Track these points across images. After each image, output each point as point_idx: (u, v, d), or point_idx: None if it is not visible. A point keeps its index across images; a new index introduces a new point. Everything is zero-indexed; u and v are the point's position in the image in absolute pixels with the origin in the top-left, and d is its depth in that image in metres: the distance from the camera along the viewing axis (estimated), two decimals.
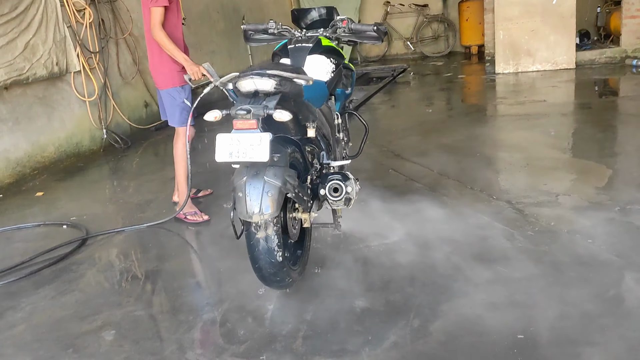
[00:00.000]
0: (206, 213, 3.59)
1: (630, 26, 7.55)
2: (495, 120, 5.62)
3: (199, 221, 3.53)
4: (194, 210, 3.60)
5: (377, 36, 3.11)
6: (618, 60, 7.64)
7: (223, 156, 2.14)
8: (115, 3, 5.61)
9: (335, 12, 3.33)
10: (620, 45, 7.71)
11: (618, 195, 3.20)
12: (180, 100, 3.44)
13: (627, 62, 7.47)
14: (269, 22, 3.23)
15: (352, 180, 2.57)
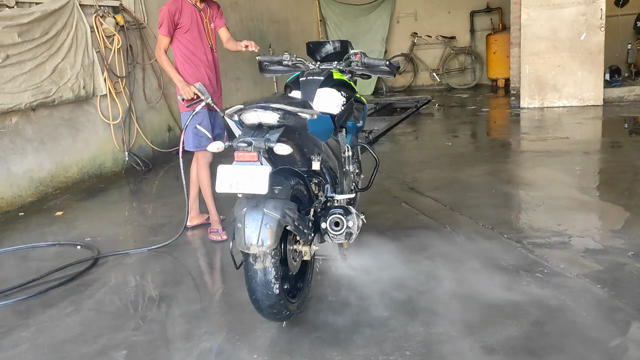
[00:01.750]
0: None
1: None
2: (515, 156, 5.54)
3: (219, 240, 3.64)
4: (216, 228, 3.70)
5: (390, 71, 3.13)
6: None
7: (223, 187, 2.18)
8: (143, 30, 5.82)
9: (350, 45, 3.37)
10: None
11: (633, 240, 3.08)
12: (192, 125, 3.54)
13: None
14: (284, 54, 3.30)
15: (354, 214, 2.56)
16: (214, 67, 3.68)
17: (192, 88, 3.41)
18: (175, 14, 3.43)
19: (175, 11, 3.42)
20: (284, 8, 9.29)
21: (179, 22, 3.46)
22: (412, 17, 11.27)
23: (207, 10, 3.63)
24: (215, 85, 3.70)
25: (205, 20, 3.60)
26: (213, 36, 3.68)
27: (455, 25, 11.02)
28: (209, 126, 3.56)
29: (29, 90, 4.57)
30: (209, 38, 3.62)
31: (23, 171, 4.73)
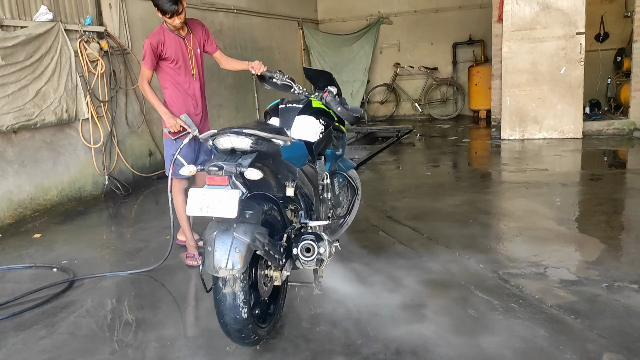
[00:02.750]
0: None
1: (638, 99, 7.61)
2: (494, 186, 5.60)
3: (194, 265, 3.61)
4: (192, 253, 3.67)
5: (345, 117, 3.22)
6: (626, 132, 7.65)
7: (193, 210, 2.18)
8: (127, 55, 5.85)
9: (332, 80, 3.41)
10: (628, 117, 7.73)
11: (607, 271, 3.11)
12: (171, 152, 3.53)
13: (635, 135, 7.48)
14: (277, 72, 3.42)
15: (325, 241, 2.55)
16: (199, 94, 3.68)
17: (179, 121, 3.39)
18: (157, 47, 3.44)
19: (158, 43, 3.43)
20: (267, 36, 9.43)
21: (162, 53, 3.47)
22: (395, 48, 11.51)
23: (190, 36, 3.62)
24: (200, 112, 3.71)
25: (189, 48, 3.61)
26: (198, 63, 3.67)
27: (438, 57, 11.26)
28: (187, 154, 3.55)
29: (11, 113, 4.56)
30: (193, 66, 3.62)
31: (2, 193, 4.68)
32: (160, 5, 3.33)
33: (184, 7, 3.39)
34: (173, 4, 3.31)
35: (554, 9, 7.41)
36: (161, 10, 3.35)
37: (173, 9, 3.32)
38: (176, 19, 3.39)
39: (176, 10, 3.34)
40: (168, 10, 3.33)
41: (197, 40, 3.66)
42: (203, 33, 3.71)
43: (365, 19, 11.45)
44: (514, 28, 7.65)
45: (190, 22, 3.64)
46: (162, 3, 3.31)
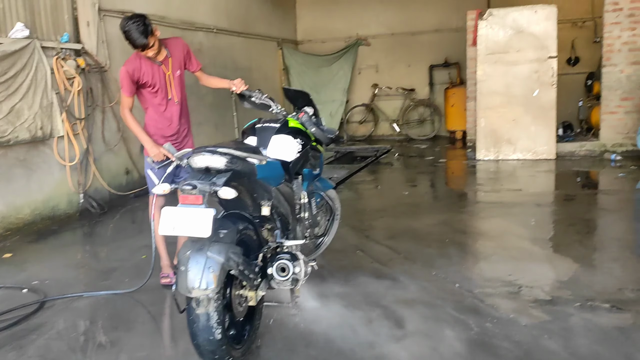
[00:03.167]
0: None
1: (609, 121, 7.84)
2: (469, 206, 5.68)
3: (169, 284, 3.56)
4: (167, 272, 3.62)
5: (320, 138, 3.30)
6: (598, 154, 7.85)
7: (166, 229, 2.17)
8: (105, 73, 5.81)
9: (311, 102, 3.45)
10: (599, 139, 7.95)
11: (580, 291, 3.16)
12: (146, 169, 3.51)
13: (606, 156, 7.68)
14: (256, 90, 3.42)
15: (301, 261, 2.55)
16: (177, 116, 3.59)
17: (162, 150, 3.31)
18: (134, 74, 3.36)
19: (134, 70, 3.36)
20: (247, 56, 9.49)
21: (139, 79, 3.40)
22: (373, 69, 11.67)
23: (169, 60, 3.50)
24: (175, 132, 3.64)
25: (167, 73, 3.49)
26: (177, 86, 3.57)
27: (415, 78, 11.45)
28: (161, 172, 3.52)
29: None
30: (171, 91, 3.53)
31: None
32: (131, 40, 3.24)
33: (155, 38, 3.30)
34: (143, 38, 3.22)
35: (527, 33, 7.64)
36: (132, 45, 3.28)
37: (143, 43, 3.23)
38: (149, 52, 3.30)
39: (147, 44, 3.25)
40: (138, 45, 3.25)
41: (176, 62, 3.55)
42: (184, 53, 3.59)
43: (344, 41, 11.62)
44: (488, 51, 7.84)
45: (169, 43, 3.54)
46: (132, 38, 3.23)
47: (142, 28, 3.20)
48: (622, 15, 7.48)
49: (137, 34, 3.20)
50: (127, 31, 3.22)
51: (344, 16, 11.65)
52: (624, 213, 5.10)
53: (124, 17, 3.29)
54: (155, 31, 3.29)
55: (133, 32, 3.20)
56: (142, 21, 3.22)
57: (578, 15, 10.14)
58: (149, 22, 3.25)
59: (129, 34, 3.23)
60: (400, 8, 11.35)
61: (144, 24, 3.22)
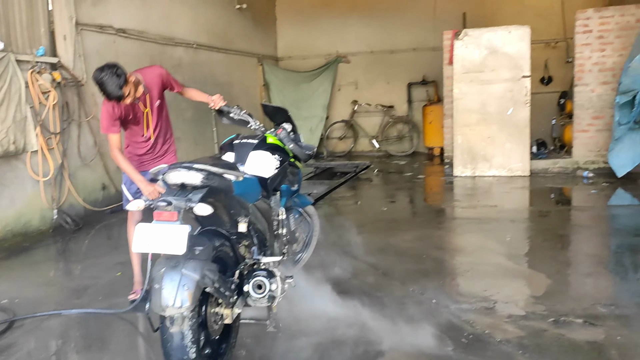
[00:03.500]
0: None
1: (581, 139, 8.04)
2: (446, 222, 5.74)
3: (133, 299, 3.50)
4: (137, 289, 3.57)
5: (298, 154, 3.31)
6: (570, 171, 8.02)
7: (140, 246, 2.14)
8: (81, 87, 5.75)
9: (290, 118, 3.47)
10: (572, 156, 8.14)
11: (553, 306, 3.21)
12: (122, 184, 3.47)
13: (579, 173, 7.85)
14: (235, 106, 3.39)
15: (277, 277, 2.54)
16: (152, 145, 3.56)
17: (157, 187, 3.07)
18: (114, 111, 3.27)
19: (114, 107, 3.27)
20: (227, 72, 9.51)
21: (120, 115, 3.31)
22: (353, 86, 11.80)
23: (145, 97, 3.41)
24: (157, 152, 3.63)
25: (145, 111, 3.42)
26: (155, 118, 3.50)
27: (394, 95, 11.60)
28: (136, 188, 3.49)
29: None
30: (148, 125, 3.47)
31: None
32: (105, 93, 3.13)
33: (130, 85, 3.18)
34: (118, 90, 3.10)
35: (501, 53, 7.83)
36: (106, 97, 3.16)
37: (118, 95, 3.12)
38: (126, 100, 3.19)
39: (121, 96, 3.13)
40: (113, 98, 3.14)
41: (155, 94, 3.46)
42: (163, 81, 3.50)
43: (324, 58, 11.73)
44: (464, 70, 8.01)
45: (146, 76, 3.41)
46: (107, 91, 3.11)
47: (116, 80, 3.07)
48: (592, 36, 7.73)
49: (112, 87, 3.08)
50: (101, 84, 3.09)
51: (324, 33, 11.78)
52: (597, 229, 5.21)
53: (96, 69, 3.14)
54: (129, 78, 3.18)
55: (107, 86, 3.08)
56: (115, 72, 3.09)
57: (551, 36, 10.45)
58: (122, 72, 3.12)
59: (102, 87, 3.10)
60: (379, 27, 11.54)
61: (117, 75, 3.08)
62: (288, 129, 3.38)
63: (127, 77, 3.16)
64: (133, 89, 3.23)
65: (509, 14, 10.25)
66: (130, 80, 3.19)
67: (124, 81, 3.11)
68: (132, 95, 3.23)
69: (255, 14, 10.76)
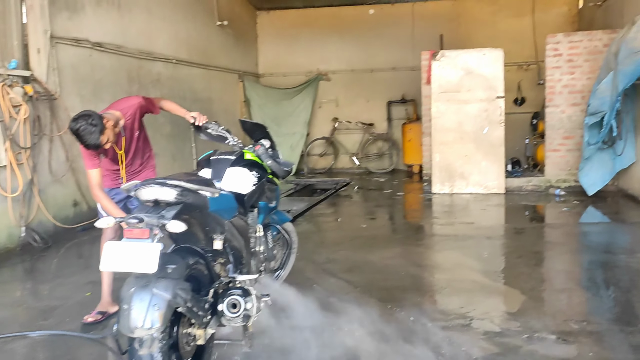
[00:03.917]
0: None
1: (552, 158, 8.20)
2: (425, 239, 5.76)
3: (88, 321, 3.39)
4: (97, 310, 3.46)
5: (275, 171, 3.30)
6: (543, 189, 8.16)
7: (109, 265, 2.07)
8: (54, 101, 5.64)
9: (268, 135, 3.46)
10: (545, 175, 8.29)
11: (527, 323, 3.22)
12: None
13: (551, 191, 8.00)
14: (213, 122, 3.36)
15: (253, 296, 2.49)
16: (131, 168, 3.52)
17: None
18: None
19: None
20: (207, 88, 9.47)
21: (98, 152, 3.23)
22: (333, 103, 11.88)
23: (121, 140, 3.34)
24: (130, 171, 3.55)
25: (120, 153, 3.37)
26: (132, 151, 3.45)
27: (374, 113, 11.71)
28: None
29: None
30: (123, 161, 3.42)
31: None
32: (82, 143, 3.03)
33: (109, 131, 3.09)
34: (95, 141, 3.00)
35: (477, 74, 7.98)
36: (84, 146, 3.07)
37: (96, 145, 3.03)
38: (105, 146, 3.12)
39: (100, 145, 3.05)
40: (91, 147, 3.05)
41: (134, 127, 3.40)
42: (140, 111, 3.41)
43: (305, 75, 11.81)
44: (441, 90, 8.13)
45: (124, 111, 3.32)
46: (84, 141, 3.01)
47: (92, 129, 2.97)
48: (562, 60, 7.96)
49: (88, 138, 2.98)
50: (77, 133, 2.99)
51: (305, 51, 11.88)
52: (569, 246, 5.30)
53: (72, 119, 3.05)
54: (106, 123, 3.07)
55: (84, 138, 2.98)
56: (91, 121, 2.97)
57: (523, 58, 10.72)
58: (97, 121, 2.99)
59: (79, 136, 3.00)
60: (359, 46, 11.69)
61: (93, 125, 2.97)
62: (266, 145, 3.37)
63: (105, 122, 3.05)
64: (111, 133, 3.12)
65: (483, 37, 10.50)
66: (108, 125, 3.07)
67: (100, 131, 2.99)
68: (110, 140, 3.12)
69: (237, 30, 10.80)
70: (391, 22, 11.49)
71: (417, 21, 11.35)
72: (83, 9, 6.18)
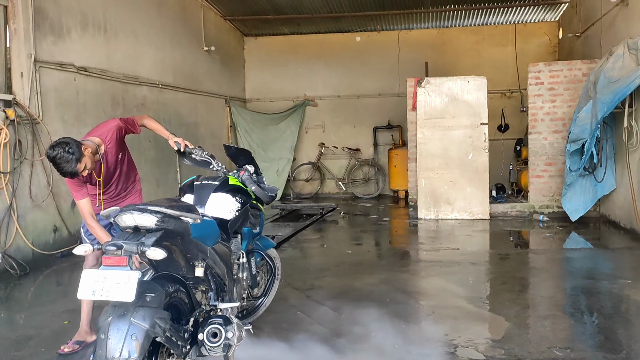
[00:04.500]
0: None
1: (536, 184, 8.30)
2: (410, 265, 5.74)
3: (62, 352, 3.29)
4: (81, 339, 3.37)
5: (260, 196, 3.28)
6: (527, 215, 8.23)
7: (85, 293, 2.02)
8: (37, 125, 5.58)
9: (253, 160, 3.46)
10: (529, 200, 8.37)
11: (512, 350, 3.20)
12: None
13: (535, 217, 8.07)
14: (196, 148, 3.34)
15: (234, 324, 2.44)
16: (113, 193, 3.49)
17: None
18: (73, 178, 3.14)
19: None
20: (193, 112, 9.48)
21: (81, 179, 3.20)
22: (320, 129, 11.97)
23: (100, 167, 3.28)
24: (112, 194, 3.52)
25: (98, 179, 3.30)
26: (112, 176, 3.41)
27: (360, 139, 11.81)
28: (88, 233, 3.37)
29: None
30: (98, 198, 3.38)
31: None
32: (59, 171, 3.01)
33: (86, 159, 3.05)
34: (72, 168, 2.98)
35: (461, 101, 8.11)
36: (61, 174, 3.04)
37: (73, 172, 3.01)
38: (82, 173, 3.07)
39: (76, 173, 3.02)
40: (68, 175, 3.03)
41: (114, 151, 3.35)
42: (121, 133, 3.37)
43: (292, 100, 11.92)
44: (426, 116, 8.23)
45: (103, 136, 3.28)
46: (61, 169, 2.98)
47: (70, 157, 2.95)
48: (544, 88, 8.14)
49: (65, 166, 2.96)
50: (54, 161, 2.96)
51: (292, 77, 12.01)
52: (552, 272, 5.32)
53: (49, 146, 3.03)
54: (85, 150, 3.04)
55: (61, 163, 2.96)
56: (68, 149, 2.95)
57: (506, 86, 10.96)
58: (74, 149, 2.96)
59: (56, 163, 2.97)
60: (345, 72, 11.87)
61: (71, 152, 2.95)
62: (251, 170, 3.36)
63: (83, 150, 3.02)
64: (90, 161, 3.08)
65: (468, 65, 10.73)
66: (86, 153, 3.05)
67: (77, 159, 2.97)
68: (88, 168, 3.08)
69: (224, 56, 10.89)
70: (378, 49, 11.70)
71: (403, 48, 11.57)
72: (69, 34, 6.19)
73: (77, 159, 2.97)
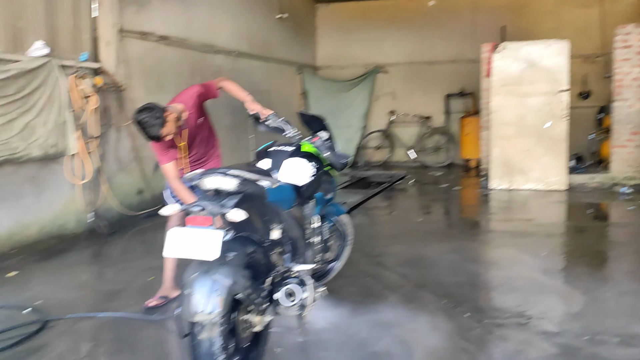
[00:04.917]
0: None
1: (619, 154, 7.78)
2: (481, 235, 5.62)
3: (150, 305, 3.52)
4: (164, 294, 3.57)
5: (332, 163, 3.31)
6: (608, 186, 7.76)
7: (171, 251, 2.13)
8: (122, 92, 5.90)
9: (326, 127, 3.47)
10: (610, 171, 7.88)
11: (588, 324, 3.10)
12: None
13: (616, 189, 7.59)
14: (271, 114, 3.38)
15: (310, 285, 2.53)
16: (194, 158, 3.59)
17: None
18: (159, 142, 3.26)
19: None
20: (267, 80, 9.60)
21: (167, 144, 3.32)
22: (390, 96, 11.72)
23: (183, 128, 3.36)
24: (203, 161, 3.66)
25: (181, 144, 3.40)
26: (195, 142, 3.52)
27: (431, 106, 11.48)
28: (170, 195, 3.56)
29: None
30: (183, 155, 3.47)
31: None
32: (144, 133, 3.15)
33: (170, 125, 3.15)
34: (156, 132, 3.11)
35: (540, 67, 7.66)
36: (145, 137, 3.19)
37: (157, 136, 3.13)
38: (165, 138, 3.19)
39: (160, 137, 3.14)
40: (152, 138, 3.16)
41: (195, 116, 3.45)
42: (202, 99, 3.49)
43: (363, 67, 11.74)
44: (501, 83, 7.87)
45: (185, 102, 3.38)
46: (146, 132, 3.12)
47: (155, 121, 3.08)
48: (632, 52, 7.52)
49: (150, 130, 3.10)
50: (140, 125, 3.12)
51: (363, 44, 11.78)
52: (634, 246, 5.00)
53: (136, 110, 3.18)
54: (168, 117, 3.15)
55: (147, 127, 3.10)
56: (154, 114, 3.09)
57: (589, 51, 10.18)
58: (160, 114, 3.10)
59: (142, 127, 3.12)
60: (418, 38, 11.50)
61: (156, 117, 3.08)
62: (324, 137, 3.38)
63: (166, 116, 3.15)
64: (173, 126, 3.21)
65: (547, 29, 10.04)
66: (169, 119, 3.16)
67: (161, 123, 3.10)
68: (172, 133, 3.21)
69: (296, 23, 10.87)
70: (451, 13, 11.20)
71: (479, 13, 10.99)
72: (150, 3, 6.41)
73: (161, 124, 3.10)
